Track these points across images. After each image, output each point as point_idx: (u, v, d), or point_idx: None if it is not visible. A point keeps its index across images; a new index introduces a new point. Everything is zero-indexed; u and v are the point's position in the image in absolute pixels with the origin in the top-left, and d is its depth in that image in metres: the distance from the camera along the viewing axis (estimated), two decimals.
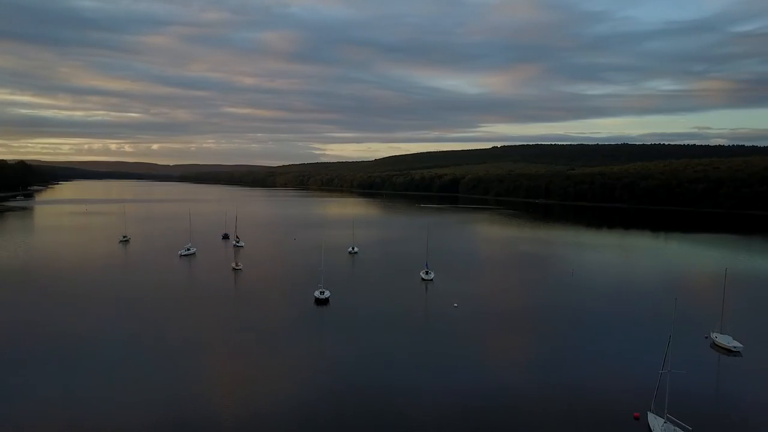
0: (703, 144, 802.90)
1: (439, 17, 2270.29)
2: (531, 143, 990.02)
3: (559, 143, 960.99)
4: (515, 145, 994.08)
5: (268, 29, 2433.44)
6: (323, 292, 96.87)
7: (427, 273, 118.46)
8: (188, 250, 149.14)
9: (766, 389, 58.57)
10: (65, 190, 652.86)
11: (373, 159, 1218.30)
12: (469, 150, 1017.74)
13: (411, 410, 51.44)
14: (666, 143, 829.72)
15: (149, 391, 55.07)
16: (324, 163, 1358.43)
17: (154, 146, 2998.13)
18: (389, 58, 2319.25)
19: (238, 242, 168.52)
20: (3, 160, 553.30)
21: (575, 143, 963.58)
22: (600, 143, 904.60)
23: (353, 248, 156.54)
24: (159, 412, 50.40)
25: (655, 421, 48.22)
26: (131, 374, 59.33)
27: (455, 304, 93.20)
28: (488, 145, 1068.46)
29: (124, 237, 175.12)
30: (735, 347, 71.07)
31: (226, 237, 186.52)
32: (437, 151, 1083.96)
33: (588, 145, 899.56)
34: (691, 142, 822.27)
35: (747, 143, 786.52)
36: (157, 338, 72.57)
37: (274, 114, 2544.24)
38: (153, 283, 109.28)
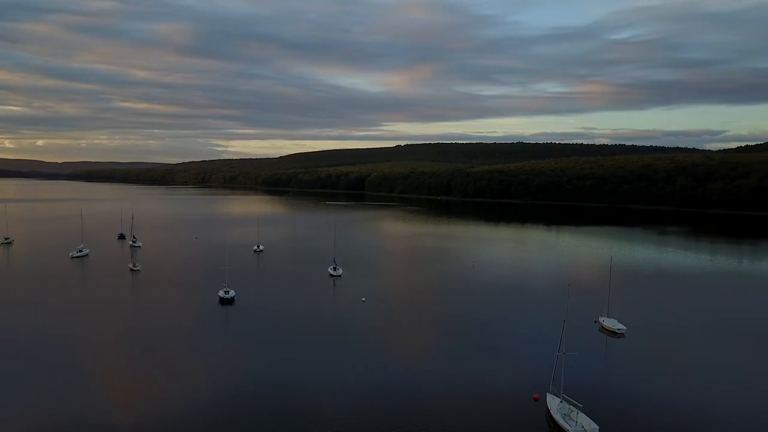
0: (589, 143, 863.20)
1: (339, 15, 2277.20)
2: (432, 142, 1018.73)
3: (459, 142, 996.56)
4: (418, 144, 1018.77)
5: (162, 21, 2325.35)
6: (228, 291, 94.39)
7: (335, 269, 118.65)
8: (80, 251, 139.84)
9: (647, 367, 64.16)
10: None
11: (278, 156, 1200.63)
12: (374, 148, 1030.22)
13: (318, 409, 51.45)
14: (556, 142, 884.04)
15: (39, 401, 51.24)
16: (227, 160, 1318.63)
17: (39, 142, 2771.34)
18: (290, 54, 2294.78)
19: (135, 242, 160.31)
20: None
21: (474, 142, 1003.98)
22: (497, 142, 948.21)
23: (259, 246, 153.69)
24: (49, 423, 47.06)
25: (552, 401, 51.41)
26: (18, 383, 54.90)
27: (363, 299, 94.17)
28: (392, 144, 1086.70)
29: (6, 239, 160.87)
30: (620, 329, 77.28)
31: (122, 237, 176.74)
32: (342, 149, 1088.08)
33: (486, 143, 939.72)
34: (578, 141, 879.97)
35: (627, 143, 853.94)
36: (45, 345, 67.55)
37: (171, 109, 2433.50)
38: (40, 286, 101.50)
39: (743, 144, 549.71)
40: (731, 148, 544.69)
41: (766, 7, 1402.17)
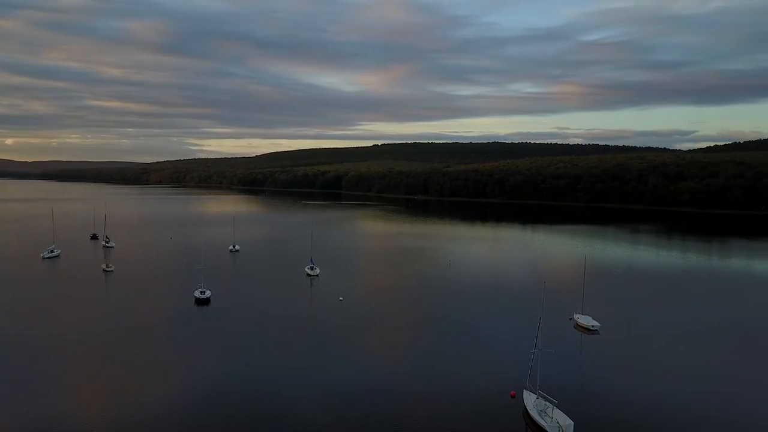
0: (564, 143, 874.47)
1: (313, 14, 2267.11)
2: (409, 141, 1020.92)
3: (435, 142, 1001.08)
4: (394, 144, 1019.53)
5: (133, 18, 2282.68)
6: (204, 291, 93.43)
7: (312, 269, 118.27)
8: (51, 251, 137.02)
9: (620, 363, 65.35)
10: None
11: (254, 155, 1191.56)
12: (351, 148, 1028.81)
13: (295, 410, 51.28)
14: (531, 142, 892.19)
15: (8, 404, 50.12)
16: (202, 159, 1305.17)
17: (8, 141, 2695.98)
18: (264, 53, 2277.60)
19: (108, 242, 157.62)
20: None
21: (450, 141, 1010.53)
22: (473, 141, 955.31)
23: (234, 246, 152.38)
24: (19, 427, 46.10)
25: (528, 397, 52.04)
26: None
27: (341, 298, 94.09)
28: (369, 143, 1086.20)
29: None
30: (594, 326, 78.53)
31: (94, 237, 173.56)
32: (319, 148, 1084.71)
33: (461, 143, 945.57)
34: (553, 141, 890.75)
35: (600, 142, 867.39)
36: (15, 348, 66.08)
37: (144, 108, 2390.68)
38: (10, 288, 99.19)
39: (712, 144, 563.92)
40: (700, 148, 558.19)
41: (733, 11, 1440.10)
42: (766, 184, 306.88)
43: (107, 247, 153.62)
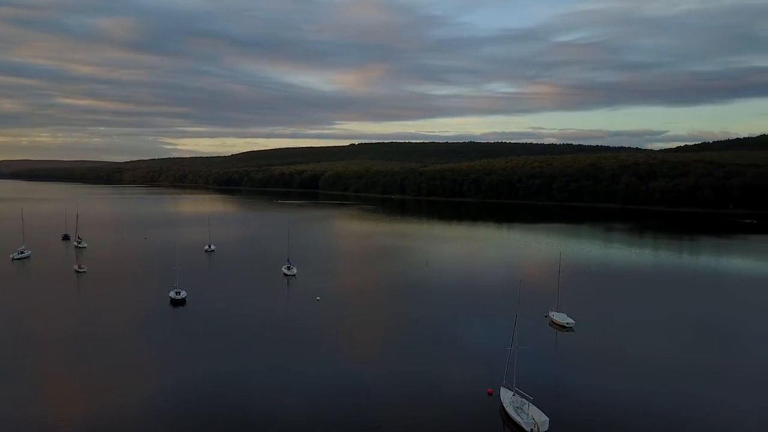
0: (539, 143, 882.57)
1: (288, 13, 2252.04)
2: (386, 141, 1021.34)
3: (412, 141, 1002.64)
4: (371, 143, 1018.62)
5: (105, 15, 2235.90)
6: (179, 292, 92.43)
7: (289, 268, 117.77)
8: (21, 252, 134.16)
9: (594, 359, 66.46)
10: None
11: (230, 154, 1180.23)
12: (328, 147, 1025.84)
13: (272, 411, 51.08)
14: (506, 142, 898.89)
15: None
16: (176, 158, 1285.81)
17: None
18: (239, 51, 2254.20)
19: (80, 243, 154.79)
20: None
21: (427, 141, 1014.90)
22: (449, 141, 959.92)
23: (210, 246, 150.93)
24: None
25: (505, 394, 52.62)
26: None
27: (318, 298, 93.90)
28: (346, 143, 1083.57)
29: None
30: (568, 323, 79.70)
31: (66, 238, 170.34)
32: (295, 147, 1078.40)
33: (438, 143, 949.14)
34: (528, 141, 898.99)
35: (575, 142, 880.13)
36: None
37: (117, 106, 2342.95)
38: None
39: (683, 144, 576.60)
40: (671, 148, 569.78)
41: (702, 14, 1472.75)
42: (734, 184, 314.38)
43: (79, 247, 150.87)
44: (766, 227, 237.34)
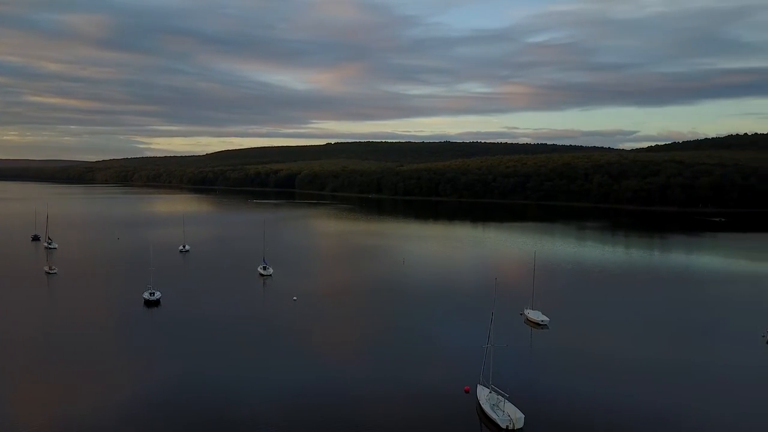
0: (513, 142, 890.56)
1: (262, 11, 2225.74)
2: (362, 140, 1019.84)
3: (388, 141, 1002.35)
4: (347, 142, 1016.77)
5: (74, 12, 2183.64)
6: (153, 293, 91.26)
7: (265, 268, 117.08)
8: None
9: (568, 356, 67.52)
10: None
11: (204, 153, 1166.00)
12: (304, 146, 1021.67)
13: (248, 413, 50.80)
14: (481, 141, 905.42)
15: None
16: (150, 157, 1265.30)
17: None
18: (212, 49, 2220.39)
19: (50, 244, 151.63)
20: None
21: (403, 141, 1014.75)
22: (425, 141, 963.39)
23: (185, 246, 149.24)
24: None
25: (482, 392, 53.16)
26: None
27: (294, 298, 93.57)
28: (322, 142, 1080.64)
29: None
30: (543, 321, 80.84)
31: (36, 238, 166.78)
32: (271, 146, 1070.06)
33: (414, 142, 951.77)
34: (503, 141, 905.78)
35: (548, 142, 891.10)
36: None
37: (87, 105, 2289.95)
38: None
39: (653, 144, 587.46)
40: (642, 148, 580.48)
41: (668, 16, 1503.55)
42: (703, 183, 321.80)
43: (49, 248, 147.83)
44: (733, 225, 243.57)
